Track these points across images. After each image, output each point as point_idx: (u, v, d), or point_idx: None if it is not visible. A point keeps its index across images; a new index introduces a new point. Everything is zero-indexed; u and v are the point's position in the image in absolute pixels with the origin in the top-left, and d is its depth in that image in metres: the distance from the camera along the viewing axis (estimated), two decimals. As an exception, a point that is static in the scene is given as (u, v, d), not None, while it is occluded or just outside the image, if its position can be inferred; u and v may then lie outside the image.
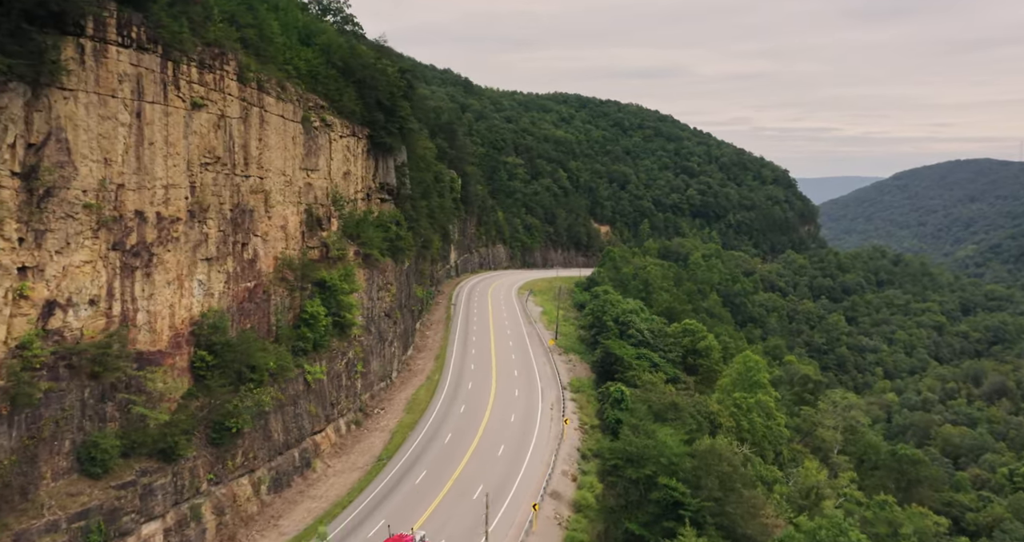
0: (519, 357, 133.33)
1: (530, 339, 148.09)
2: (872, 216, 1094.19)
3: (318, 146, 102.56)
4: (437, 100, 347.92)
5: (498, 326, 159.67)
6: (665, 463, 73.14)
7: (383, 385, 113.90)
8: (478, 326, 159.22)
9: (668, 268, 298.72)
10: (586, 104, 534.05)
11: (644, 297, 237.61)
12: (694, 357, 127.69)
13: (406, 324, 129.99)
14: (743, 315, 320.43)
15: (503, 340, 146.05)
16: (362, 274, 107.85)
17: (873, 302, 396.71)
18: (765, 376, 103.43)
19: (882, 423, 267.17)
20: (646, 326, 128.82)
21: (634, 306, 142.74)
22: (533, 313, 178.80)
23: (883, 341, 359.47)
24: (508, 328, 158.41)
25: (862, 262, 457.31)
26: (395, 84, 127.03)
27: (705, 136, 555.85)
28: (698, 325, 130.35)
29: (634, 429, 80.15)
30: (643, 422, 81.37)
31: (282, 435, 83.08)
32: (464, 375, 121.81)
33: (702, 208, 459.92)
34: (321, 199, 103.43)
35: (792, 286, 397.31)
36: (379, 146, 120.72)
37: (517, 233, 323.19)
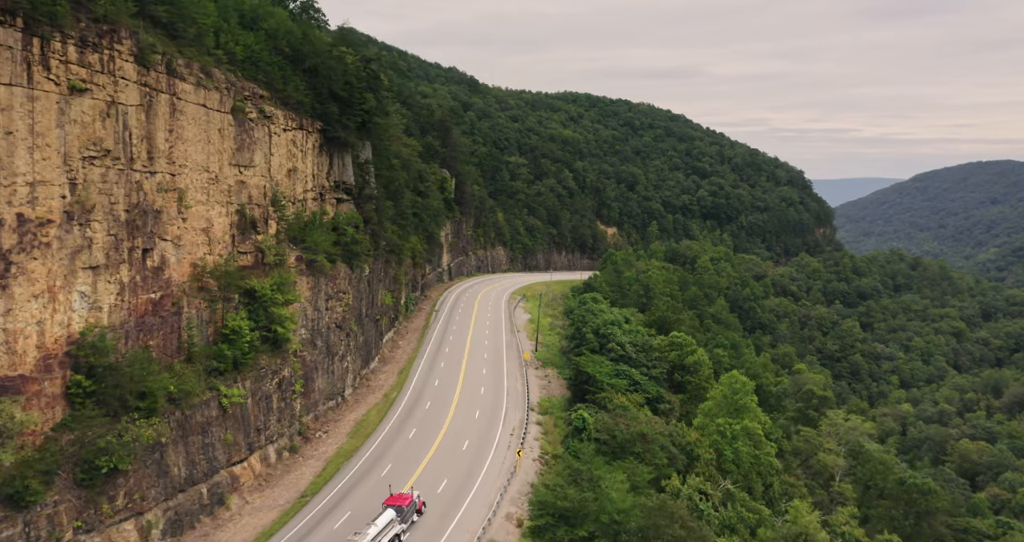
0: (491, 372, 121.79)
1: (508, 351, 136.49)
2: (891, 218, 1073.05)
3: (254, 140, 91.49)
4: (439, 98, 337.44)
5: (477, 336, 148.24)
6: (607, 521, 60.74)
7: (332, 404, 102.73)
8: (455, 336, 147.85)
9: (673, 272, 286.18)
10: (596, 103, 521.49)
11: (644, 303, 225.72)
12: (681, 373, 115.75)
13: (367, 335, 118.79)
14: (752, 321, 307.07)
15: (478, 352, 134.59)
16: (305, 282, 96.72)
17: (889, 307, 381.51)
18: (753, 399, 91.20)
19: (896, 436, 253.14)
20: (628, 339, 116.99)
21: (617, 316, 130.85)
22: (519, 321, 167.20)
23: (899, 348, 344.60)
24: (487, 338, 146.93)
25: (878, 266, 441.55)
26: (355, 74, 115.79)
27: (718, 136, 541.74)
28: (686, 338, 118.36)
29: (573, 476, 68.12)
30: (589, 466, 69.30)
31: (185, 469, 72.02)
32: (425, 393, 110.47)
33: (713, 210, 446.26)
34: (257, 199, 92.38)
35: (805, 290, 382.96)
36: (334, 141, 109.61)
37: (518, 235, 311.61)
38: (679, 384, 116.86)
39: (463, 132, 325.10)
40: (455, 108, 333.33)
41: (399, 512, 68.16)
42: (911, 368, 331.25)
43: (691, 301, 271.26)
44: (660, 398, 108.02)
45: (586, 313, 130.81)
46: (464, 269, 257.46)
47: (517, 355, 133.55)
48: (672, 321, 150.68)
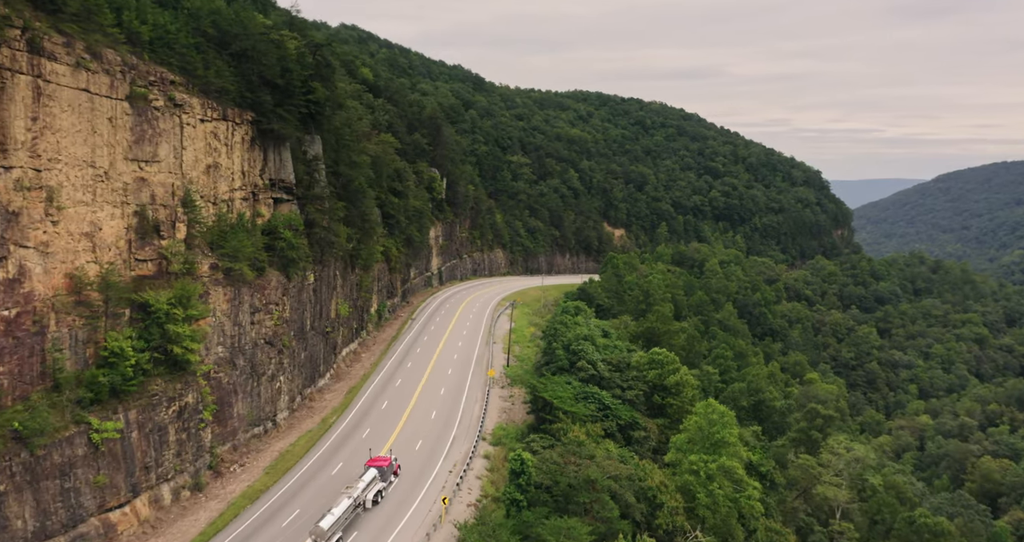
0: (450, 392, 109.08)
1: (477, 367, 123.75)
2: (914, 219, 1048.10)
3: (158, 131, 79.30)
4: (440, 96, 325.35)
5: (448, 348, 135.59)
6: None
7: (258, 431, 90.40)
8: (424, 348, 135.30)
9: (679, 276, 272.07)
10: (606, 102, 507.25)
11: (643, 310, 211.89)
12: (662, 395, 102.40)
13: (313, 350, 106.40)
14: (762, 327, 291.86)
15: (443, 367, 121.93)
16: (222, 294, 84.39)
17: (908, 312, 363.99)
18: (733, 432, 77.79)
19: (913, 451, 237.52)
20: (601, 356, 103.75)
21: (592, 330, 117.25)
22: (501, 331, 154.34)
23: (918, 356, 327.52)
24: (458, 351, 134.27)
25: (897, 269, 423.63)
26: (297, 61, 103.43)
27: (732, 135, 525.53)
28: (668, 355, 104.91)
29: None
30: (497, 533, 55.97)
31: (34, 520, 59.91)
32: (369, 416, 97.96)
33: (726, 211, 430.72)
34: (163, 199, 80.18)
35: (820, 295, 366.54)
36: (269, 134, 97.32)
37: (519, 237, 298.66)
38: (659, 407, 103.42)
39: (463, 131, 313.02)
40: (455, 106, 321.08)
41: (380, 472, 75.63)
42: (930, 377, 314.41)
43: (696, 307, 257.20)
44: (634, 424, 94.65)
45: (559, 326, 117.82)
46: (458, 272, 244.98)
47: (487, 371, 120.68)
48: (661, 333, 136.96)
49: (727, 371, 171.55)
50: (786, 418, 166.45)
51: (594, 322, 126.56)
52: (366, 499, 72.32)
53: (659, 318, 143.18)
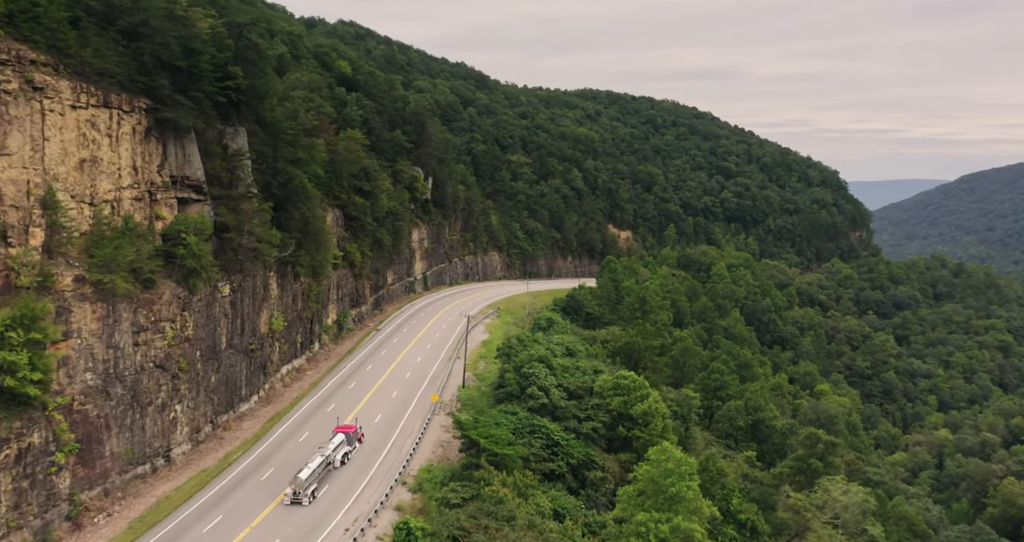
0: (386, 419, 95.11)
1: (429, 387, 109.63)
2: (936, 221, 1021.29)
3: (7, 119, 65.97)
4: (438, 93, 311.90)
5: (403, 365, 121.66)
6: None
7: (144, 470, 76.77)
8: (377, 365, 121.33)
9: (682, 281, 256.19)
10: (616, 100, 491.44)
11: (639, 319, 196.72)
12: (628, 425, 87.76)
13: (230, 372, 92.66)
14: (771, 335, 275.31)
15: (389, 388, 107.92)
16: (91, 311, 70.83)
17: (928, 318, 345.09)
18: (692, 485, 62.97)
19: (931, 470, 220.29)
20: (557, 381, 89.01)
21: (552, 348, 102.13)
22: (472, 344, 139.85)
23: (938, 364, 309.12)
24: (414, 368, 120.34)
25: (917, 272, 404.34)
26: (214, 42, 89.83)
27: (746, 134, 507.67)
28: (636, 379, 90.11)
29: None
30: None
31: None
32: (280, 451, 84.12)
33: (738, 212, 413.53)
34: (15, 199, 66.85)
35: (835, 300, 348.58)
36: (167, 125, 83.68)
37: (516, 239, 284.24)
38: (624, 440, 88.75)
39: (460, 129, 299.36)
40: (453, 104, 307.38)
41: (347, 437, 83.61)
42: (951, 387, 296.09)
43: (699, 314, 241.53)
44: (589, 463, 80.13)
45: (515, 343, 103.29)
46: (446, 277, 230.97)
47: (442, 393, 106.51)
48: (642, 349, 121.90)
49: (723, 387, 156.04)
50: (787, 439, 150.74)
51: (560, 338, 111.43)
52: (335, 459, 79.58)
53: (640, 331, 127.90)
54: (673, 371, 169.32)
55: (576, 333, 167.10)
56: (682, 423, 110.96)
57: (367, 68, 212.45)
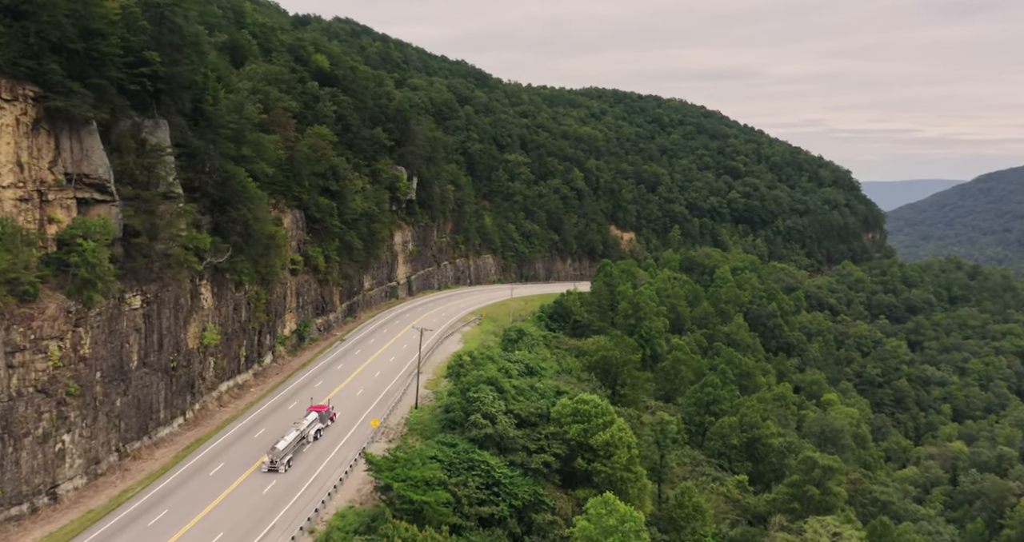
0: (317, 448, 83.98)
1: (378, 409, 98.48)
2: (953, 221, 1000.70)
3: None
4: (434, 91, 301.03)
5: (358, 381, 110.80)
6: None
7: (20, 511, 66.06)
8: (329, 380, 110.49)
9: (682, 285, 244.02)
10: (622, 99, 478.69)
11: (632, 326, 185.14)
12: (588, 457, 76.20)
13: (143, 394, 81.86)
14: (777, 341, 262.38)
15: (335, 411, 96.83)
16: (-57, 330, 60.26)
17: (943, 323, 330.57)
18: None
19: (944, 486, 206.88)
20: (508, 406, 77.31)
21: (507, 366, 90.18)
22: (441, 357, 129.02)
23: (952, 371, 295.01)
24: (369, 385, 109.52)
25: (932, 275, 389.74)
26: (127, 24, 79.11)
27: (756, 133, 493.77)
28: (599, 404, 78.38)
29: None
30: None
31: None
32: (183, 488, 73.07)
33: (746, 213, 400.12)
34: None
35: (845, 303, 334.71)
36: (60, 115, 73.03)
37: (512, 241, 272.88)
38: (584, 475, 77.34)
39: (455, 128, 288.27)
40: (448, 101, 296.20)
41: (320, 415, 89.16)
42: (966, 395, 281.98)
43: (700, 319, 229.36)
44: (537, 504, 68.78)
45: (466, 362, 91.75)
46: (434, 281, 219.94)
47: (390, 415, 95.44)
48: (620, 364, 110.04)
49: (717, 402, 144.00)
50: (785, 459, 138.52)
51: (521, 354, 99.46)
52: (309, 434, 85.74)
53: (618, 343, 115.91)
54: (664, 383, 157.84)
55: (558, 344, 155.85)
56: (657, 450, 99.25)
57: (349, 63, 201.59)
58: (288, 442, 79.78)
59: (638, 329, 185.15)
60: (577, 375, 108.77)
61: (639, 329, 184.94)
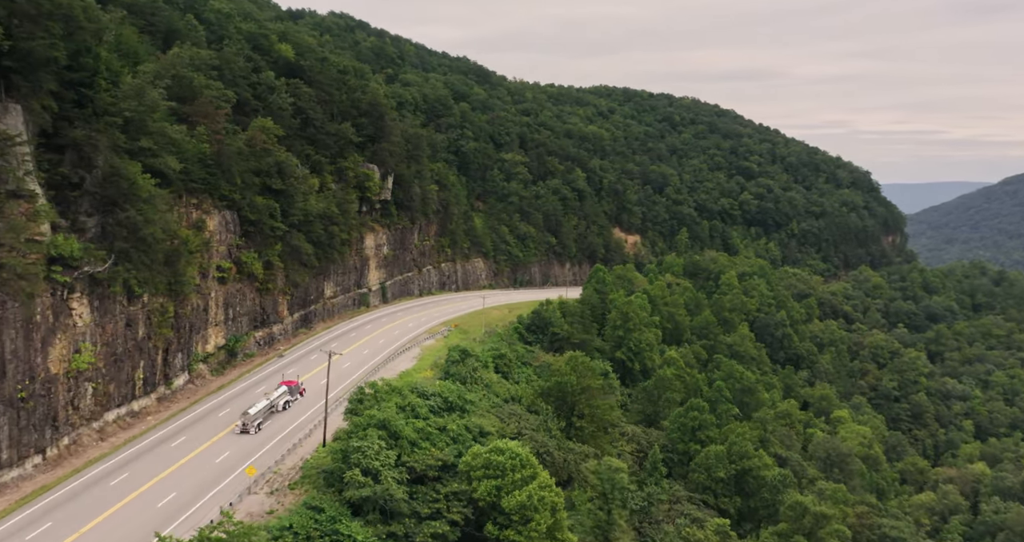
0: (177, 500, 68.48)
1: (278, 446, 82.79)
2: (978, 224, 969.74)
3: None
4: (430, 87, 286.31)
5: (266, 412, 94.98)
6: None
7: None
8: (235, 409, 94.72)
9: (681, 293, 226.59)
10: (632, 97, 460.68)
11: (620, 338, 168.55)
12: (501, 522, 59.97)
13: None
14: (785, 353, 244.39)
15: (220, 448, 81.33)
16: None
17: (965, 332, 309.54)
18: None
19: (963, 515, 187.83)
20: (391, 459, 60.67)
21: (412, 402, 73.40)
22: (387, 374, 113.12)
23: (975, 385, 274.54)
24: (282, 414, 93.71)
25: (954, 281, 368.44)
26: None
27: (771, 133, 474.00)
28: (517, 454, 62.25)
29: None
30: None
31: None
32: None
33: (759, 215, 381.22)
34: None
35: (861, 311, 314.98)
36: None
37: (505, 244, 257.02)
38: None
39: (449, 125, 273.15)
40: (443, 98, 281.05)
41: (289, 389, 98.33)
42: (990, 410, 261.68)
43: (700, 329, 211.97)
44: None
45: (366, 396, 75.56)
46: (414, 287, 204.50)
47: (288, 456, 79.75)
48: (577, 392, 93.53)
49: (703, 427, 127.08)
50: (779, 495, 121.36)
51: (444, 384, 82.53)
52: (278, 404, 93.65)
53: (575, 367, 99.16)
54: (647, 405, 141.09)
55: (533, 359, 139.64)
56: (604, 504, 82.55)
57: (320, 54, 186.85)
58: (259, 409, 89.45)
59: (626, 341, 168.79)
60: (528, 404, 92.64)
61: (627, 341, 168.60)
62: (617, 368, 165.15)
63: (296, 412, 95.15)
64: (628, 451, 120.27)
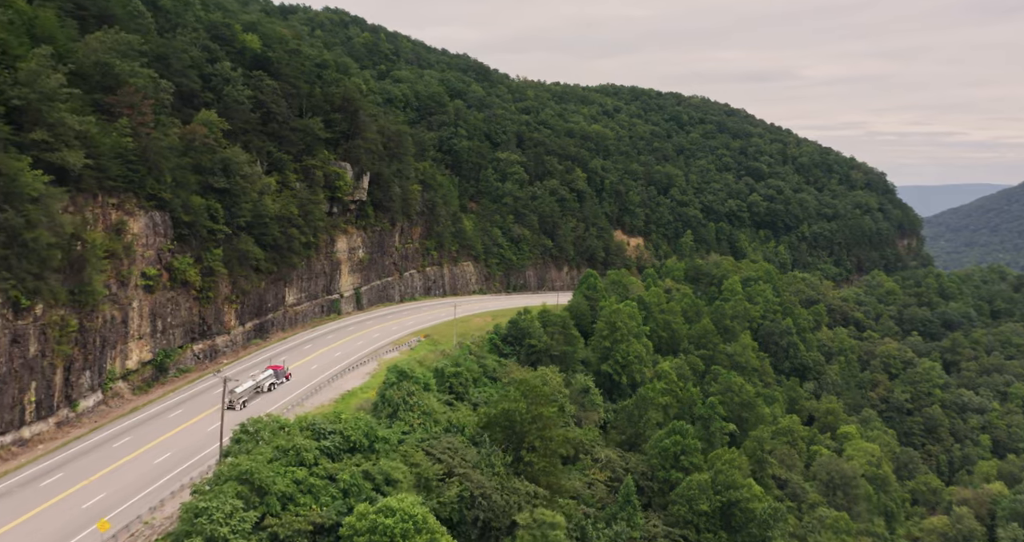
0: None
1: (155, 493, 70.74)
2: (998, 227, 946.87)
3: None
4: (425, 83, 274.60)
5: (176, 438, 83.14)
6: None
7: None
8: (136, 438, 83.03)
9: (680, 300, 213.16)
10: (639, 96, 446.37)
11: (608, 349, 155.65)
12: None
13: None
14: (791, 363, 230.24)
15: (93, 491, 69.46)
16: None
17: (983, 341, 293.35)
18: None
19: (979, 539, 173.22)
20: (246, 524, 48.48)
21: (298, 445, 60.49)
22: (320, 400, 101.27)
23: (993, 396, 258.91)
24: (177, 449, 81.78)
25: (972, 286, 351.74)
26: None
27: (782, 133, 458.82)
28: (412, 516, 49.80)
29: None
30: None
31: None
32: None
33: (768, 217, 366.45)
34: None
35: (873, 318, 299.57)
36: None
37: (498, 247, 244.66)
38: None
39: (442, 123, 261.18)
40: (436, 95, 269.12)
41: (275, 373, 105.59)
42: (1008, 424, 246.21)
43: (698, 338, 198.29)
44: None
45: (243, 437, 63.12)
46: (394, 292, 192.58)
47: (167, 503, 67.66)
48: (525, 421, 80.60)
49: (686, 453, 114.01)
50: (769, 531, 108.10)
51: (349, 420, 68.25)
52: (264, 385, 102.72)
53: (526, 392, 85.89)
54: (626, 427, 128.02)
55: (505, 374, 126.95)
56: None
57: (292, 45, 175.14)
58: (245, 388, 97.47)
59: (613, 353, 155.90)
60: (471, 435, 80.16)
61: (614, 353, 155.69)
62: (604, 382, 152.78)
63: (280, 394, 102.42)
64: (601, 479, 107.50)
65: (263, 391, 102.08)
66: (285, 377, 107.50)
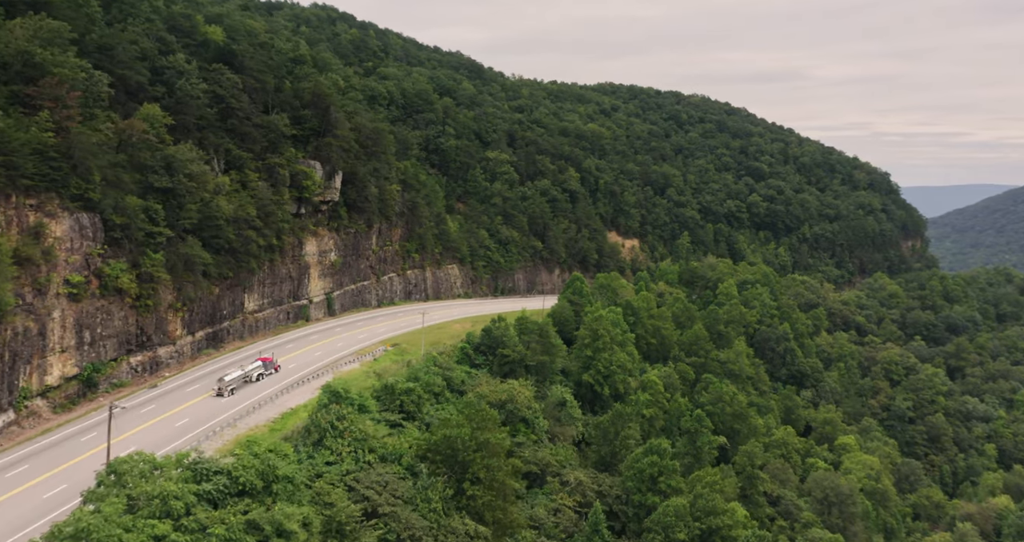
0: None
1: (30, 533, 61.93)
2: (1004, 228, 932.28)
3: None
4: (413, 81, 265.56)
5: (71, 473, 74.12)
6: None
7: None
8: (33, 466, 73.94)
9: (671, 304, 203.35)
10: (637, 94, 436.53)
11: (589, 358, 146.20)
12: None
13: None
14: (787, 370, 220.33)
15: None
16: None
17: (988, 345, 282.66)
18: None
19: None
20: None
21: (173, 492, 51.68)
22: (257, 420, 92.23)
23: (999, 404, 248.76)
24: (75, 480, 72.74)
25: (977, 289, 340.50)
26: None
27: (784, 132, 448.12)
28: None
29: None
30: None
31: None
32: None
33: (768, 218, 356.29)
34: None
35: (875, 322, 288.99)
36: None
37: (484, 249, 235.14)
38: None
39: (429, 121, 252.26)
40: (423, 92, 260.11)
41: (264, 365, 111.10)
42: (1014, 433, 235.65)
43: (690, 345, 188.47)
44: None
45: (106, 481, 53.97)
46: (370, 297, 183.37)
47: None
48: (470, 449, 71.09)
49: (664, 474, 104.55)
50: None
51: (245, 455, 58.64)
52: (252, 375, 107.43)
53: (472, 417, 76.14)
54: (602, 445, 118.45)
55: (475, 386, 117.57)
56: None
57: (261, 38, 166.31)
58: (233, 377, 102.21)
59: (595, 362, 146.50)
60: (408, 464, 70.86)
61: (596, 362, 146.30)
62: (585, 393, 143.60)
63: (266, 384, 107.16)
64: (570, 505, 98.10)
65: (251, 381, 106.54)
66: (274, 368, 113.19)
